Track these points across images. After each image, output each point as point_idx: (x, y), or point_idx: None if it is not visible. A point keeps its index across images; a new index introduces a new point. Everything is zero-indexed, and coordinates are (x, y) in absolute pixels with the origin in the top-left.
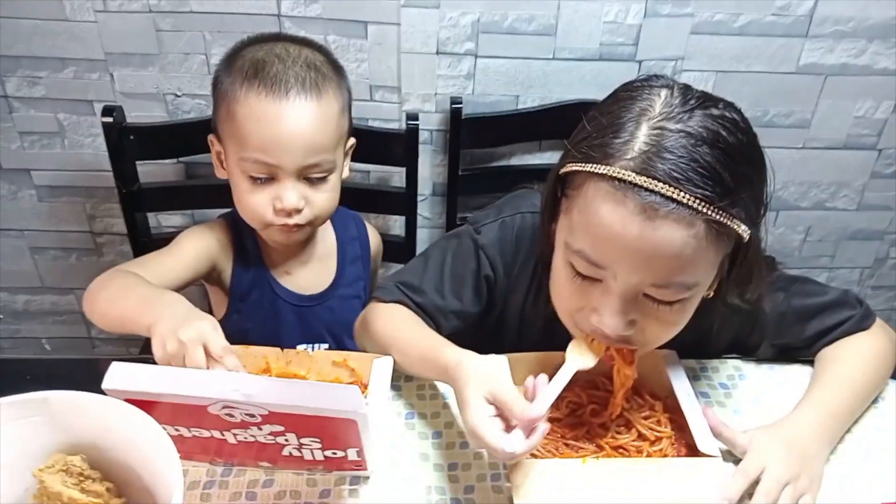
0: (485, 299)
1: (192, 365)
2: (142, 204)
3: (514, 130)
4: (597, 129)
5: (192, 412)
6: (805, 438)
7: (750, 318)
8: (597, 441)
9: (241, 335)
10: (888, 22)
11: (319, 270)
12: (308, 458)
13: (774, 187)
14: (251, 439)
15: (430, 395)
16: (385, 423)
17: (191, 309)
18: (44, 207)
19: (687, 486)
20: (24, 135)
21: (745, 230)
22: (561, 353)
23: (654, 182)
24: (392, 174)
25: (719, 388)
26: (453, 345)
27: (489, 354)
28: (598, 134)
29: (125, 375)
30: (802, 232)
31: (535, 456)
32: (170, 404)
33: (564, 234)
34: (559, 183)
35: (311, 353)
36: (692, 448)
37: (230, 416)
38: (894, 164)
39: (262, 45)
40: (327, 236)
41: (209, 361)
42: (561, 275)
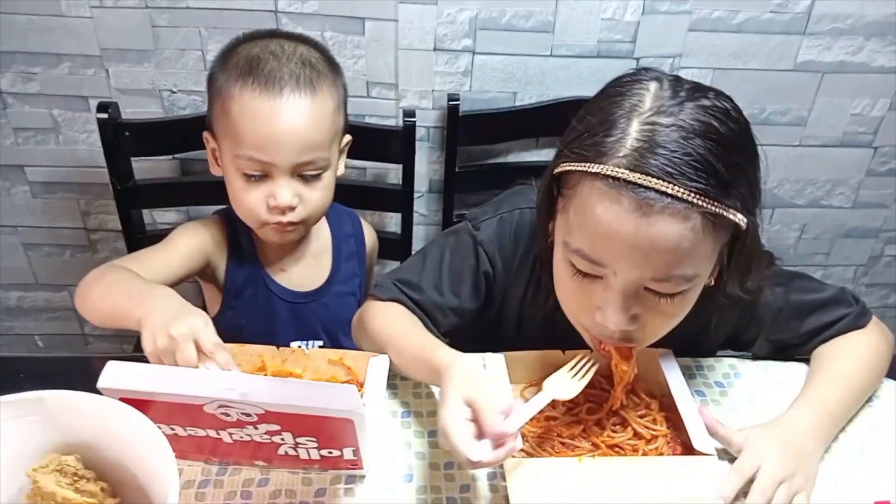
0: (483, 295)
1: (183, 361)
2: (137, 200)
3: (511, 127)
4: (588, 127)
5: (187, 411)
6: (800, 437)
7: (748, 311)
8: (593, 440)
9: (235, 332)
10: (885, 20)
11: (314, 267)
12: (304, 457)
13: (770, 185)
14: (247, 438)
15: (425, 394)
16: (381, 421)
17: (182, 304)
18: (38, 204)
19: (683, 484)
20: (18, 131)
21: (742, 219)
22: (558, 352)
23: (648, 178)
24: (388, 171)
25: (715, 386)
26: (447, 346)
27: (487, 353)
28: (590, 132)
29: (120, 375)
30: (798, 229)
31: (531, 455)
32: (165, 403)
33: (562, 233)
34: (554, 182)
35: (307, 351)
36: (688, 446)
37: (226, 415)
38: (890, 161)
39: (258, 41)
40: (322, 233)
41: (200, 357)
42: (562, 274)
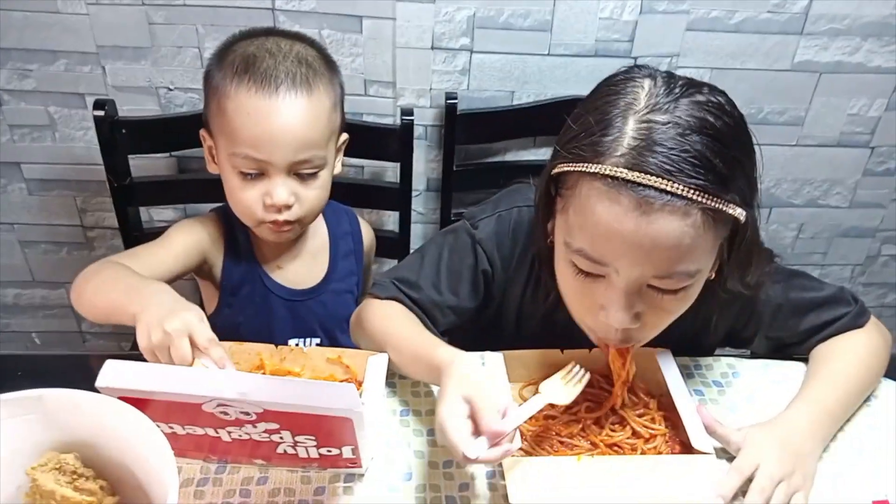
0: (482, 294)
1: (178, 356)
2: (133, 198)
3: (508, 126)
4: (584, 127)
5: (186, 410)
6: (799, 436)
7: (747, 307)
8: (591, 439)
9: (232, 329)
10: (883, 20)
11: (311, 265)
12: (303, 455)
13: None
14: (245, 437)
15: (424, 393)
16: (380, 420)
17: (177, 299)
18: (34, 201)
19: (681, 483)
20: (14, 128)
21: (741, 213)
22: (557, 351)
23: (647, 176)
24: (386, 169)
25: (713, 385)
26: (447, 345)
27: (486, 352)
28: (587, 132)
29: (119, 373)
30: (795, 229)
31: (530, 454)
32: (164, 402)
33: (563, 234)
34: (551, 182)
35: (306, 349)
36: (686, 446)
37: (225, 413)
38: (887, 161)
39: (254, 39)
40: (320, 231)
41: (195, 352)
42: (565, 274)
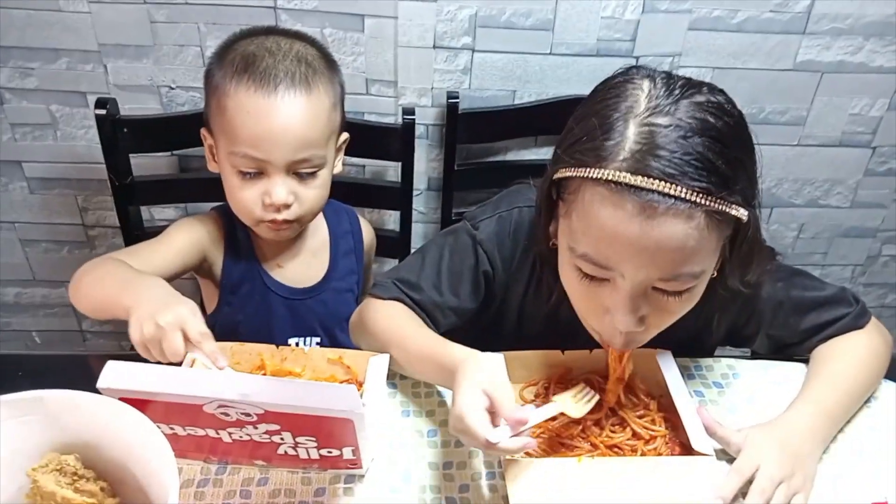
0: (483, 295)
1: (170, 350)
2: (135, 197)
3: (510, 125)
4: (585, 131)
5: (187, 411)
6: (799, 437)
7: (748, 304)
8: (592, 440)
9: (232, 328)
10: (885, 20)
11: (312, 264)
12: (303, 456)
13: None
14: (246, 438)
15: (424, 394)
16: (380, 421)
17: (171, 293)
18: (35, 200)
19: (681, 484)
20: (15, 126)
21: (744, 213)
22: (558, 352)
23: (651, 180)
24: (387, 168)
25: (713, 386)
26: (459, 344)
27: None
28: (588, 137)
29: (120, 374)
30: (796, 229)
31: (531, 455)
32: (164, 403)
33: (566, 238)
34: (553, 186)
35: (307, 350)
36: (686, 447)
37: (226, 415)
38: (888, 161)
39: (254, 38)
40: (320, 229)
41: (187, 346)
42: (569, 278)
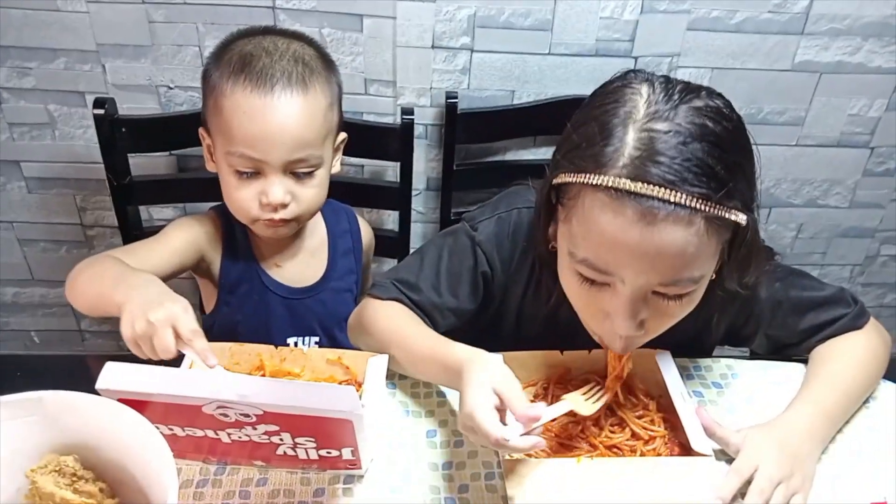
0: (482, 296)
1: (161, 346)
2: (133, 197)
3: (509, 126)
4: (584, 137)
5: (186, 412)
6: (798, 437)
7: (747, 305)
8: (591, 440)
9: (230, 327)
10: (883, 20)
11: (310, 263)
12: (302, 457)
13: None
14: (245, 439)
15: (423, 394)
16: (380, 421)
17: (163, 290)
18: (34, 199)
19: (680, 485)
20: (13, 126)
21: (743, 217)
22: (557, 353)
23: (651, 187)
24: (386, 168)
25: (712, 386)
26: (462, 344)
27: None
28: (587, 143)
29: (119, 376)
30: (794, 229)
31: (530, 455)
32: (163, 404)
33: (566, 243)
34: (552, 191)
35: (306, 350)
36: (685, 447)
37: (224, 415)
38: (886, 162)
39: (252, 38)
40: (318, 229)
41: (178, 343)
42: (570, 282)
